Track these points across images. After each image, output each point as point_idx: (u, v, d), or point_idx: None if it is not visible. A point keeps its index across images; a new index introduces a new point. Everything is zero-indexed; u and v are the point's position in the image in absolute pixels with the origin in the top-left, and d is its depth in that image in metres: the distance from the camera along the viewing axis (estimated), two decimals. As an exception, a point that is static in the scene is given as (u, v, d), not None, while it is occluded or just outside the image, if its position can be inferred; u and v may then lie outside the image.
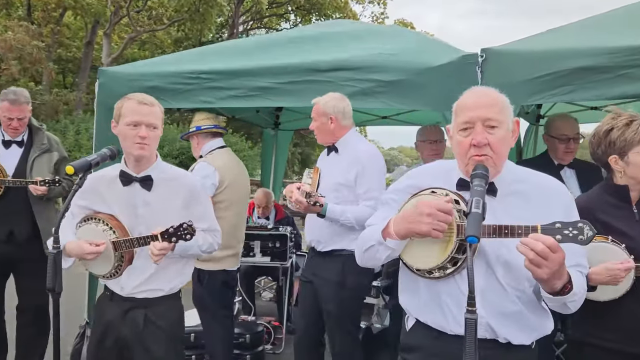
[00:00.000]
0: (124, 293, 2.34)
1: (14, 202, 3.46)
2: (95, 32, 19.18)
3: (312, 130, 3.26)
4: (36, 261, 3.51)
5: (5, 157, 3.51)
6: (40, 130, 3.68)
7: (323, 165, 3.24)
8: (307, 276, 3.28)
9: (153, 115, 2.27)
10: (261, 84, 3.52)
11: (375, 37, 3.76)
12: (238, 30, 22.21)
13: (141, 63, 4.28)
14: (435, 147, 3.78)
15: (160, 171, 2.35)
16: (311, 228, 3.20)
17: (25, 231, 3.51)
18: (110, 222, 2.28)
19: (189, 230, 2.11)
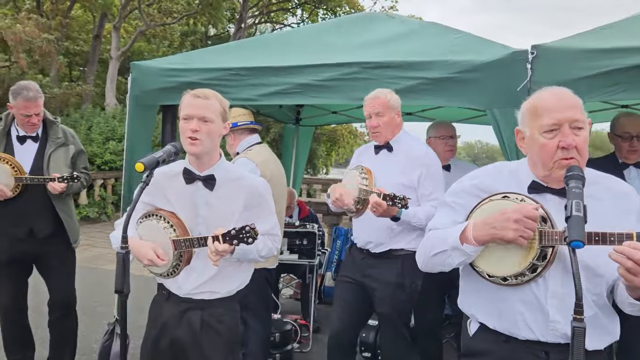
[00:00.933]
0: (181, 293, 2.30)
1: (33, 199, 3.40)
2: (102, 25, 19.08)
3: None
4: (61, 257, 3.57)
5: (21, 153, 3.43)
6: (55, 124, 3.58)
7: (374, 165, 3.08)
8: (355, 277, 3.15)
9: (207, 109, 2.18)
10: (303, 81, 3.49)
11: (418, 34, 3.71)
12: (246, 24, 22.08)
13: (174, 58, 4.24)
14: (451, 143, 3.75)
15: (224, 171, 2.29)
16: (365, 229, 3.09)
17: (46, 228, 3.47)
18: (171, 220, 2.24)
19: (251, 233, 2.03)
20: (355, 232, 3.20)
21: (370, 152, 3.20)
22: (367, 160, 3.15)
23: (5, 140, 3.45)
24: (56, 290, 3.61)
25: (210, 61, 3.88)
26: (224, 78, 3.68)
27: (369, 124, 3.06)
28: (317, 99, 3.54)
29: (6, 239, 3.43)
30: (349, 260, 3.28)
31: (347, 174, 3.17)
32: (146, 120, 3.94)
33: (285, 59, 3.67)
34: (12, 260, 3.46)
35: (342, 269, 3.35)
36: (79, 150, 3.69)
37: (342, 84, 3.40)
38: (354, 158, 3.33)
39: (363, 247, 3.11)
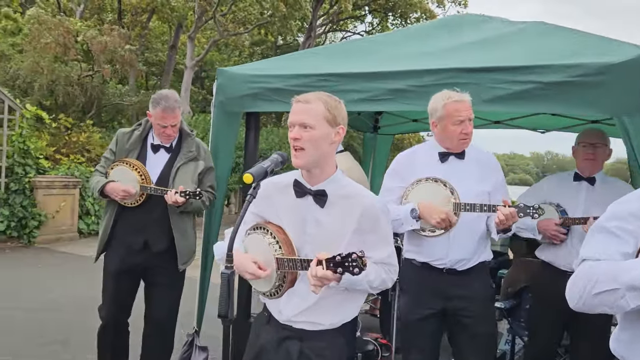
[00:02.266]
0: (282, 319, 2.09)
1: (152, 211, 3.28)
2: (178, 35, 19.69)
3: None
4: (169, 276, 3.39)
5: (152, 162, 3.34)
6: (190, 137, 3.44)
7: (445, 174, 2.75)
8: (435, 307, 2.79)
9: (307, 114, 1.94)
10: (397, 87, 3.24)
11: (525, 34, 3.37)
12: (315, 33, 22.14)
13: (260, 64, 4.12)
14: (591, 152, 3.19)
15: (338, 186, 2.04)
16: (455, 247, 2.75)
17: (160, 243, 3.32)
18: (278, 236, 2.03)
19: (358, 263, 1.73)
20: (433, 253, 2.79)
21: (429, 159, 2.84)
22: (431, 169, 2.80)
23: (140, 146, 3.37)
24: (157, 308, 3.44)
25: (297, 67, 3.72)
26: (312, 84, 3.49)
27: (463, 131, 2.72)
28: (411, 105, 3.27)
29: (122, 249, 3.34)
30: (421, 288, 2.84)
31: (417, 187, 2.78)
32: (230, 127, 3.83)
33: (377, 65, 3.45)
34: (123, 271, 3.35)
35: (411, 302, 2.89)
36: (209, 167, 3.51)
37: (439, 89, 3.12)
38: (404, 167, 2.89)
39: (451, 267, 2.78)
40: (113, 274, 3.36)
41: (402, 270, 2.95)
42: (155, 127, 3.31)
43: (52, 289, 6.48)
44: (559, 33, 3.27)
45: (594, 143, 3.19)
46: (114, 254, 3.37)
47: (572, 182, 3.26)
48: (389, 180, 2.92)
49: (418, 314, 2.82)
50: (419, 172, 2.80)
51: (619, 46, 2.86)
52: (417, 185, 2.78)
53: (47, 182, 9.51)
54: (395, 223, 2.73)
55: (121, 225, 3.34)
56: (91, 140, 12.26)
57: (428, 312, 2.80)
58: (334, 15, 23.00)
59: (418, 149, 2.98)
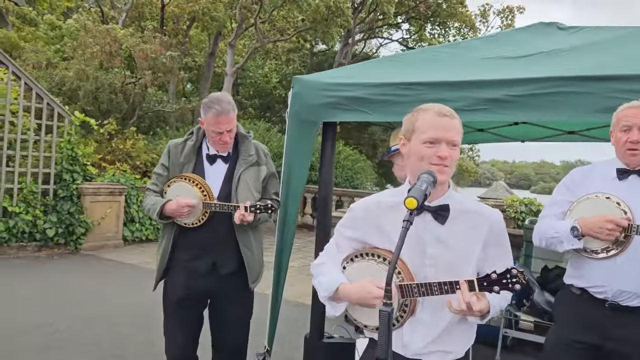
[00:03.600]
0: (408, 354, 1.87)
1: (218, 229, 2.95)
2: (217, 43, 19.81)
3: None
4: (238, 297, 3.08)
5: (211, 174, 2.99)
6: (247, 139, 3.09)
7: (623, 194, 2.42)
8: (590, 341, 2.45)
9: (455, 131, 1.80)
10: (492, 96, 3.01)
11: (628, 42, 3.11)
12: (354, 39, 22.02)
13: (337, 72, 3.95)
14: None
15: (455, 201, 1.87)
16: (618, 276, 2.39)
17: (230, 263, 3.00)
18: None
19: (519, 278, 1.61)
20: (593, 279, 2.46)
21: (605, 176, 2.53)
22: (603, 187, 2.48)
23: (195, 158, 3.03)
24: (231, 334, 3.10)
25: (378, 75, 3.53)
26: (395, 93, 3.30)
27: (629, 139, 2.41)
28: (509, 115, 3.03)
29: (183, 275, 2.99)
30: (576, 317, 2.53)
31: (585, 202, 2.49)
32: (306, 137, 3.63)
33: (468, 73, 3.23)
34: (188, 299, 3.00)
35: (564, 329, 2.59)
36: (271, 173, 3.16)
37: (542, 99, 2.88)
38: (577, 181, 2.61)
39: (612, 299, 2.42)
40: (177, 302, 3.02)
41: (559, 296, 2.76)
42: (209, 135, 2.97)
43: (107, 298, 6.41)
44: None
45: None
46: (176, 281, 3.02)
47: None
48: (558, 194, 2.66)
49: (566, 340, 2.52)
50: (592, 189, 2.51)
51: None
52: (585, 201, 2.49)
53: (94, 189, 9.54)
54: (553, 240, 2.50)
55: (183, 248, 3.00)
56: (135, 148, 12.32)
57: (579, 343, 2.48)
58: (371, 22, 22.83)
59: (597, 165, 2.65)
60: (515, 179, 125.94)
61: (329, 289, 1.91)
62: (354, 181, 16.54)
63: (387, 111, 3.32)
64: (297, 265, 8.96)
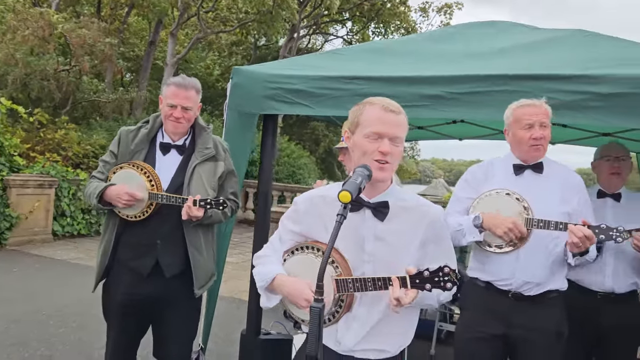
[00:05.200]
0: (341, 350, 1.85)
1: (165, 225, 2.70)
2: (158, 31, 19.17)
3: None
4: (184, 304, 2.80)
5: (162, 165, 2.75)
6: (205, 131, 2.86)
7: (519, 189, 2.55)
8: (495, 332, 2.55)
9: (400, 127, 1.77)
10: (433, 92, 3.04)
11: (567, 43, 3.22)
12: (299, 34, 21.91)
13: (280, 63, 3.87)
14: (616, 166, 3.06)
15: (398, 198, 1.86)
16: (522, 268, 2.51)
17: (175, 264, 2.73)
18: (333, 256, 1.81)
19: (450, 277, 1.61)
20: (499, 272, 2.57)
21: (504, 171, 2.64)
22: (503, 182, 2.59)
23: (148, 146, 2.79)
24: (173, 345, 2.83)
25: (321, 68, 3.48)
26: (336, 87, 3.27)
27: (533, 135, 2.52)
28: (448, 112, 3.07)
29: (125, 276, 2.74)
30: (482, 309, 2.62)
31: (487, 199, 2.58)
32: (246, 130, 3.54)
33: (411, 69, 3.24)
34: (128, 303, 2.74)
35: (471, 321, 2.68)
36: (230, 170, 2.94)
37: (484, 97, 2.93)
38: (478, 178, 2.71)
39: (515, 290, 2.54)
40: (119, 308, 2.76)
41: (464, 289, 2.80)
42: (164, 113, 2.74)
43: (35, 296, 6.05)
44: (604, 41, 3.12)
45: (620, 156, 3.06)
46: (118, 283, 2.76)
47: (595, 200, 3.08)
48: (460, 190, 2.74)
49: (475, 335, 2.60)
50: (493, 185, 2.61)
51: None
52: (486, 197, 2.58)
53: (21, 181, 9.00)
54: (457, 234, 2.54)
55: (125, 244, 2.75)
56: (68, 138, 11.71)
57: (486, 335, 2.57)
58: (316, 17, 22.81)
59: (495, 161, 2.75)
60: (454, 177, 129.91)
61: (266, 278, 1.88)
62: (297, 176, 16.52)
63: (329, 105, 3.29)
64: (235, 260, 8.84)
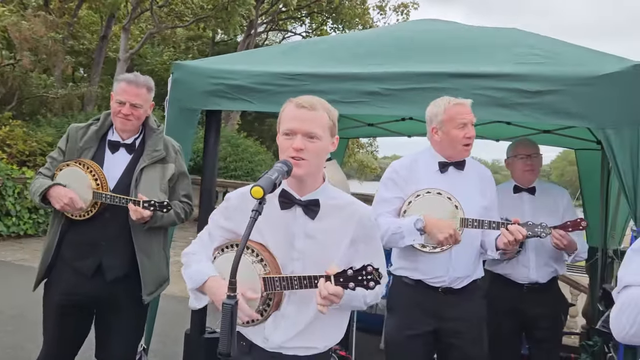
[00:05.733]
0: (269, 347, 1.85)
1: (110, 226, 2.64)
2: (110, 26, 18.65)
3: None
4: (128, 309, 2.72)
5: (110, 164, 2.69)
6: (155, 132, 2.79)
7: (445, 185, 2.59)
8: (426, 328, 2.60)
9: (314, 122, 1.76)
10: (371, 89, 3.07)
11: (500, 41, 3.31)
12: (256, 31, 21.73)
13: (222, 58, 3.84)
14: (529, 162, 3.19)
15: (329, 196, 1.87)
16: (453, 264, 2.58)
17: (118, 268, 2.65)
18: (262, 254, 1.80)
19: (374, 276, 1.61)
20: (431, 270, 2.60)
21: (428, 169, 2.67)
22: (429, 180, 2.63)
23: (97, 145, 2.72)
24: (112, 352, 2.75)
25: (263, 64, 3.47)
26: (278, 83, 3.28)
27: (466, 135, 2.57)
28: (386, 109, 3.12)
29: (67, 276, 2.65)
30: (411, 307, 2.63)
31: (421, 199, 2.59)
32: (187, 127, 3.49)
33: (349, 65, 3.27)
34: (69, 304, 2.65)
35: (401, 320, 2.68)
36: (181, 172, 2.87)
37: (419, 94, 2.99)
38: (403, 176, 2.68)
39: (447, 285, 2.60)
40: (56, 309, 2.67)
41: (391, 289, 2.83)
42: (113, 110, 2.68)
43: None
44: (535, 40, 3.23)
45: (531, 154, 3.20)
46: (58, 282, 2.68)
47: (512, 194, 3.24)
48: (386, 190, 2.69)
49: (407, 333, 2.63)
50: (419, 183, 2.63)
51: (599, 57, 2.85)
52: (420, 198, 2.59)
53: (-39, 180, 8.63)
54: (394, 237, 2.53)
55: (69, 244, 2.67)
56: (12, 135, 11.27)
57: (418, 332, 2.61)
58: (274, 14, 22.68)
59: (419, 157, 2.75)
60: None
61: (198, 280, 1.84)
62: (255, 173, 16.38)
63: (270, 101, 3.28)
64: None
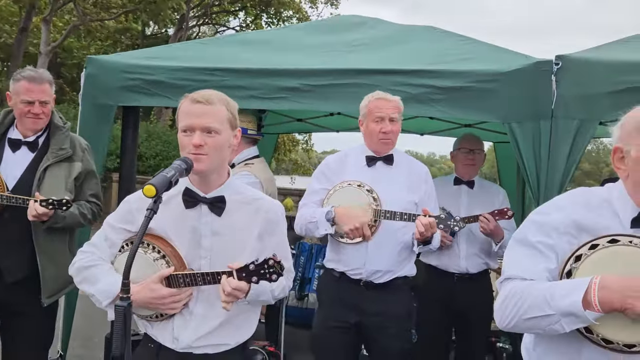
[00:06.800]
0: (179, 347, 1.80)
1: (10, 227, 2.52)
2: (30, 17, 17.66)
3: None
4: (32, 313, 2.60)
5: (10, 163, 2.56)
6: (61, 130, 2.67)
7: (370, 179, 2.64)
8: (348, 320, 2.62)
9: (211, 117, 1.71)
10: (290, 85, 3.09)
11: (417, 38, 3.40)
12: (187, 24, 21.23)
13: (139, 53, 3.73)
14: (471, 157, 3.29)
15: (235, 192, 1.84)
16: (372, 257, 2.59)
17: (17, 271, 2.54)
18: (164, 250, 1.76)
19: (275, 268, 1.61)
20: (351, 262, 2.63)
21: (357, 162, 2.72)
22: (356, 173, 2.68)
23: None
24: (20, 355, 2.64)
25: (182, 58, 3.40)
26: (196, 78, 3.22)
27: (382, 129, 2.59)
28: (306, 105, 3.14)
29: None
30: (336, 299, 2.68)
31: (340, 191, 2.65)
32: (102, 123, 3.37)
33: (269, 61, 3.27)
34: None
35: (326, 312, 2.74)
36: (89, 170, 2.75)
37: (338, 90, 3.03)
38: (332, 169, 2.76)
39: (366, 278, 2.63)
40: None
41: (320, 281, 2.90)
42: (18, 110, 2.55)
43: None
44: (450, 39, 3.34)
45: (474, 149, 3.31)
46: None
47: (452, 186, 3.35)
48: (316, 182, 2.76)
49: (330, 325, 2.66)
50: (346, 176, 2.66)
51: (508, 55, 2.99)
52: (340, 189, 2.63)
53: None
54: (311, 225, 2.59)
55: None
56: None
57: (340, 324, 2.63)
58: (207, 7, 22.24)
59: (349, 152, 2.79)
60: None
61: (110, 295, 1.74)
62: (188, 171, 15.98)
63: (190, 97, 3.22)
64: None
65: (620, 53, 2.75)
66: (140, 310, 1.81)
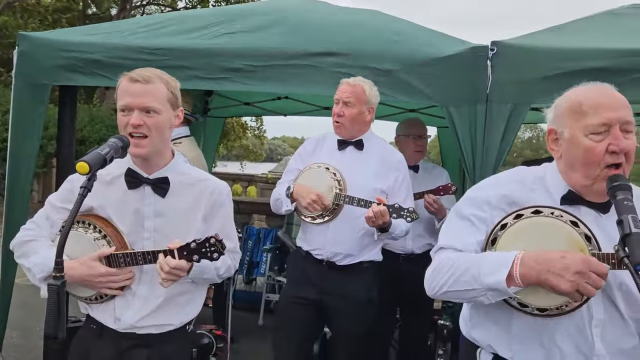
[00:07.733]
0: (121, 327, 1.78)
1: None
2: (-40, -7, 16.60)
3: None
4: None
5: None
6: None
7: (339, 163, 2.70)
8: (309, 297, 2.70)
9: (151, 96, 1.69)
10: (234, 65, 3.05)
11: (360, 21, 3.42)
12: (132, 4, 20.51)
13: (76, 30, 3.59)
14: (420, 143, 3.41)
15: (179, 173, 1.83)
16: (332, 239, 2.66)
17: None
18: (105, 229, 1.74)
19: (217, 247, 1.61)
20: (313, 242, 2.73)
21: (330, 146, 2.79)
22: (328, 156, 2.75)
23: None
24: None
25: (123, 37, 3.29)
26: (136, 57, 3.12)
27: (333, 111, 2.68)
28: (249, 86, 3.12)
29: None
30: (300, 275, 2.79)
31: (307, 172, 2.73)
32: (37, 103, 3.22)
33: (211, 40, 3.21)
34: None
35: (290, 287, 2.87)
36: None
37: (280, 71, 3.02)
38: (308, 151, 2.86)
39: (328, 259, 2.69)
40: None
41: (290, 256, 3.04)
42: None
43: None
44: (393, 23, 3.39)
45: (422, 134, 3.41)
46: None
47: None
48: (293, 162, 2.89)
49: (291, 298, 2.75)
50: (319, 158, 2.75)
51: (447, 40, 3.06)
52: (307, 170, 2.73)
53: None
54: (278, 203, 2.74)
55: None
56: None
57: (300, 299, 2.71)
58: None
59: (327, 135, 2.86)
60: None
61: (45, 268, 1.71)
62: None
63: (130, 77, 3.13)
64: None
65: (554, 40, 2.87)
66: (79, 291, 1.80)
